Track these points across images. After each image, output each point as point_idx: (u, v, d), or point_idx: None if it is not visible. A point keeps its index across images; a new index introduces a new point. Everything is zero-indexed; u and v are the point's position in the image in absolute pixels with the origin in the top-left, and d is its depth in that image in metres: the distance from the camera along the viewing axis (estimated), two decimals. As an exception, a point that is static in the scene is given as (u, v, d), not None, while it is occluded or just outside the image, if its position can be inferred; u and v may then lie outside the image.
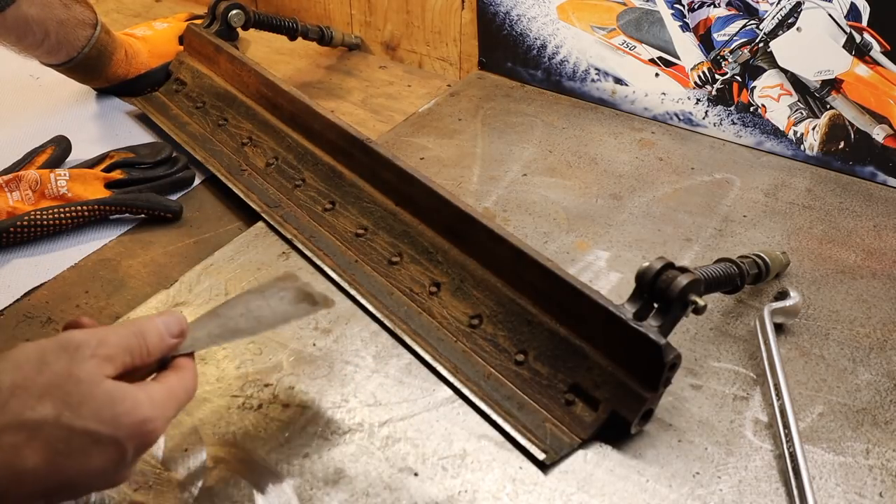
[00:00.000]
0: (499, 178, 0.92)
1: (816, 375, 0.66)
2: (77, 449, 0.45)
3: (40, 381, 0.46)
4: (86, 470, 0.46)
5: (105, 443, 0.46)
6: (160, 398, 0.50)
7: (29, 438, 0.44)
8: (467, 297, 0.70)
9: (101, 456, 0.46)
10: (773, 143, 0.95)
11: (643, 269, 0.60)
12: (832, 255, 0.79)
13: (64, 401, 0.45)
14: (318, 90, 1.13)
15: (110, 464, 0.47)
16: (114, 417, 0.46)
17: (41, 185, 0.83)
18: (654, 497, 0.57)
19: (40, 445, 0.44)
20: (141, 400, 0.48)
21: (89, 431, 0.46)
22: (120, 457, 0.47)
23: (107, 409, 0.46)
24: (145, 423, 0.48)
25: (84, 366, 0.47)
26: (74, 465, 0.45)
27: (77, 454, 0.45)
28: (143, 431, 0.48)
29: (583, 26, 1.02)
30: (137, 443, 0.48)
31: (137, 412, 0.48)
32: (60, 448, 0.45)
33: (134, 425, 0.47)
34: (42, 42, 0.94)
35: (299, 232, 0.81)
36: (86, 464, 0.46)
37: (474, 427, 0.62)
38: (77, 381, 0.46)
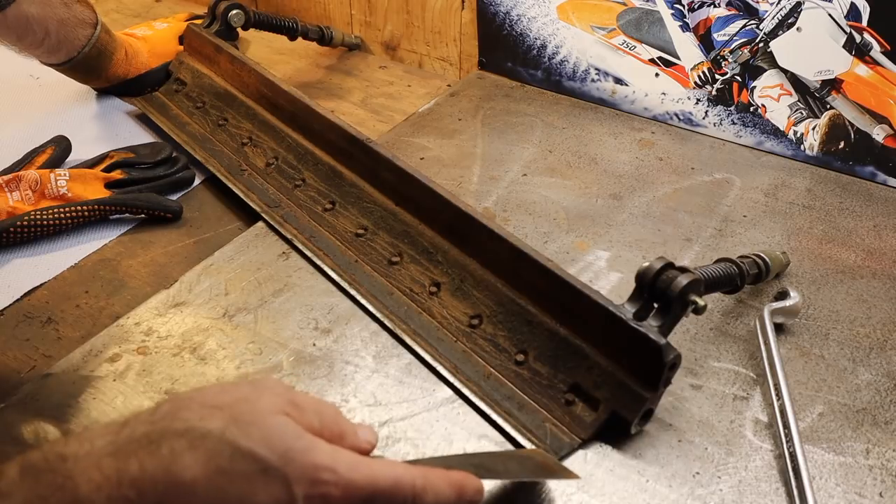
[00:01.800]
0: (499, 178, 0.92)
1: (816, 375, 0.66)
2: (240, 472, 0.41)
3: (217, 399, 0.44)
4: (248, 501, 0.41)
5: (271, 475, 0.42)
6: (347, 457, 0.45)
7: (191, 447, 0.41)
8: (467, 297, 0.70)
9: (266, 490, 0.42)
10: (773, 143, 0.95)
11: (643, 269, 0.60)
12: (832, 255, 0.79)
13: (235, 419, 0.43)
14: (318, 90, 1.13)
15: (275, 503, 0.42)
16: (285, 449, 0.42)
17: (41, 185, 0.83)
18: (654, 497, 0.57)
19: (201, 457, 0.41)
20: (321, 447, 0.44)
21: (255, 455, 0.42)
22: (287, 500, 0.42)
23: (278, 438, 0.43)
24: (319, 470, 0.43)
25: (266, 396, 0.45)
26: (236, 491, 0.41)
27: (239, 478, 0.41)
28: (316, 479, 0.43)
29: (583, 26, 1.02)
30: (308, 492, 0.42)
31: (313, 455, 0.43)
32: (223, 465, 0.41)
33: (306, 467, 0.43)
34: (42, 41, 0.94)
35: (299, 232, 0.81)
36: (248, 493, 0.41)
37: (474, 427, 0.62)
38: (254, 405, 0.44)
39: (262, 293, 0.75)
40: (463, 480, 0.48)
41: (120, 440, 0.42)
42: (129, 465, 0.40)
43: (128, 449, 0.41)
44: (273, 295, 0.74)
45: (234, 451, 0.42)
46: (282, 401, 0.45)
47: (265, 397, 0.45)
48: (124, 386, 0.65)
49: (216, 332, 0.70)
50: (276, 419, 0.44)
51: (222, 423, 0.42)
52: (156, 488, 0.40)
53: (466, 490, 0.48)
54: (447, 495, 0.47)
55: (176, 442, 0.41)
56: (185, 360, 0.67)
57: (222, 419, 0.43)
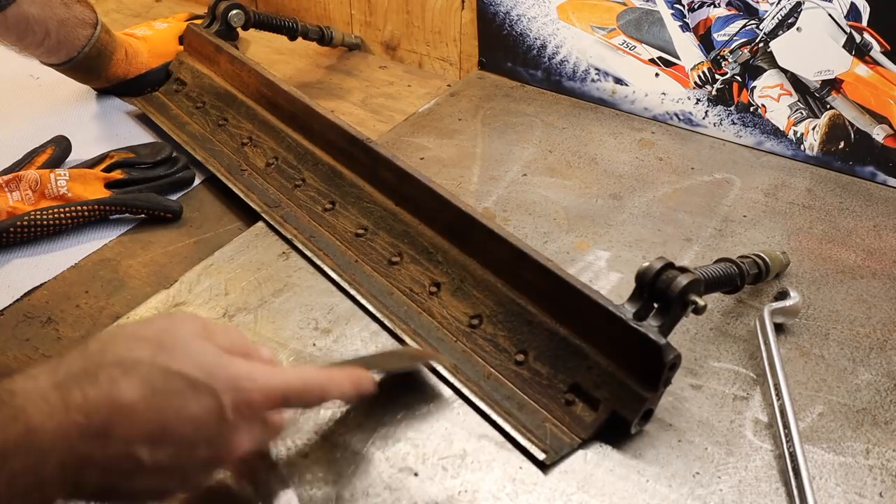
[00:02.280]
0: (499, 178, 0.92)
1: (816, 375, 0.66)
2: (173, 390, 0.47)
3: (140, 332, 0.49)
4: (184, 415, 0.47)
5: (201, 390, 0.47)
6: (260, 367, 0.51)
7: (125, 373, 0.46)
8: (467, 297, 0.70)
9: (198, 403, 0.47)
10: (773, 143, 0.95)
11: (643, 269, 0.60)
12: (832, 255, 0.79)
13: (160, 346, 0.48)
14: (318, 90, 1.13)
15: (208, 413, 0.47)
16: (208, 367, 0.48)
17: (41, 185, 0.83)
18: (654, 497, 0.57)
19: (137, 382, 0.46)
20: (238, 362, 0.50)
21: (184, 374, 0.47)
22: (217, 408, 0.47)
23: (201, 358, 0.48)
24: (241, 380, 0.49)
25: (185, 325, 0.50)
26: (171, 407, 0.46)
27: (173, 395, 0.46)
28: (239, 387, 0.49)
29: (583, 26, 1.02)
30: (234, 398, 0.48)
31: (233, 368, 0.49)
32: (157, 386, 0.46)
33: (229, 378, 0.48)
34: (42, 41, 0.94)
35: (299, 232, 0.81)
36: (183, 408, 0.47)
37: (474, 427, 0.62)
38: (175, 334, 0.49)
39: (262, 293, 0.75)
40: (358, 375, 0.57)
41: (60, 376, 0.46)
42: (74, 395, 0.45)
43: (69, 381, 0.45)
44: (273, 295, 0.74)
45: (166, 373, 0.47)
46: (197, 328, 0.51)
47: (182, 326, 0.50)
48: (124, 386, 0.65)
49: (216, 332, 0.70)
50: (196, 342, 0.49)
51: (150, 351, 0.48)
52: (100, 412, 0.45)
53: (362, 382, 0.57)
54: (346, 388, 0.55)
55: (111, 371, 0.46)
56: (185, 360, 0.67)
57: (149, 348, 0.48)
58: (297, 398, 0.53)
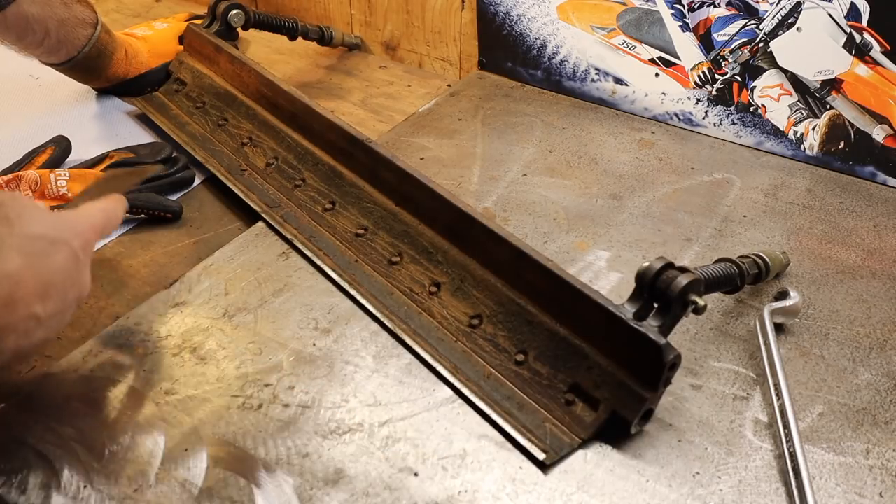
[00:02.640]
0: (499, 178, 0.92)
1: (816, 375, 0.66)
2: (41, 251, 0.55)
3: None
4: (55, 268, 0.55)
5: (58, 243, 0.56)
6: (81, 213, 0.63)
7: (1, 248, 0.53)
8: (467, 297, 0.70)
9: (60, 255, 0.56)
10: (773, 143, 0.95)
11: (643, 269, 0.60)
12: (832, 255, 0.79)
13: (12, 218, 0.55)
14: (318, 90, 1.13)
15: (70, 262, 0.57)
16: (53, 223, 0.57)
17: (41, 185, 0.83)
18: (654, 497, 0.57)
19: (12, 252, 0.53)
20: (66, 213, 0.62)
21: (42, 235, 0.56)
22: (73, 255, 0.57)
23: (47, 218, 0.58)
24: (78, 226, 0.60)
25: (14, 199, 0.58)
26: (45, 264, 0.55)
27: (42, 255, 0.55)
28: (80, 232, 0.59)
29: (583, 26, 1.02)
30: (81, 242, 0.59)
31: (69, 219, 0.60)
32: (28, 250, 0.54)
33: (72, 227, 0.59)
34: (42, 41, 0.94)
35: (299, 232, 0.81)
36: (52, 262, 0.55)
37: (474, 427, 0.62)
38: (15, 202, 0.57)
39: (262, 293, 0.75)
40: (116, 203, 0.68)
41: None
42: None
43: None
44: (273, 295, 0.74)
45: (30, 240, 0.55)
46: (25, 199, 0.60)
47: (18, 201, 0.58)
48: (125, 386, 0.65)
49: (216, 332, 0.70)
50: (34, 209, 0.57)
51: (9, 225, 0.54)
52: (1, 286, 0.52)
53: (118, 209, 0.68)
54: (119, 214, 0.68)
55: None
56: (185, 360, 0.67)
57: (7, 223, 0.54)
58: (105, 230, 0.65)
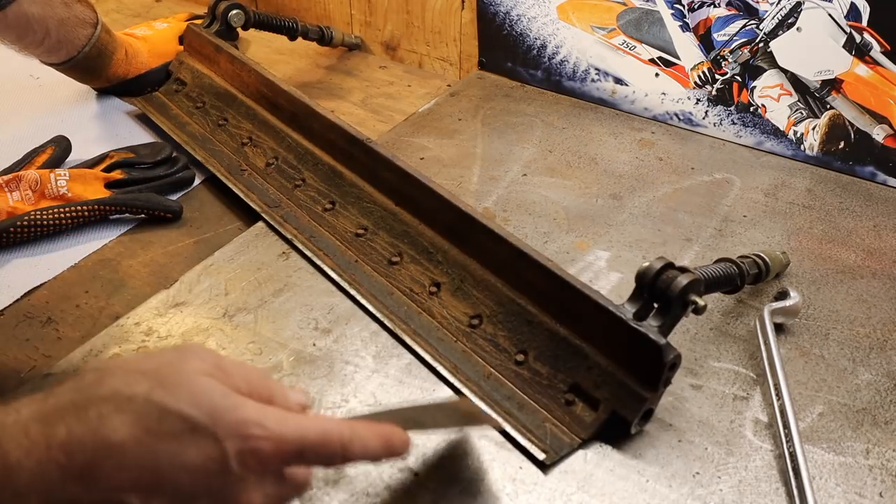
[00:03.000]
0: (499, 178, 0.92)
1: (816, 375, 0.66)
2: (168, 432, 0.41)
3: (142, 365, 0.44)
4: (179, 461, 0.41)
5: (201, 433, 0.41)
6: (274, 412, 0.44)
7: (118, 410, 0.41)
8: (467, 297, 0.70)
9: (196, 448, 0.41)
10: (773, 143, 0.95)
11: (643, 269, 0.60)
12: (832, 255, 0.79)
13: (160, 382, 0.43)
14: (318, 90, 1.13)
15: (208, 462, 0.42)
16: (212, 408, 0.42)
17: (41, 185, 0.83)
18: (654, 497, 0.57)
19: (130, 419, 0.41)
20: (249, 404, 0.44)
21: (183, 415, 0.41)
22: (219, 456, 0.42)
23: (205, 398, 0.43)
24: (248, 426, 0.43)
25: (190, 360, 0.45)
26: (166, 451, 0.41)
27: (169, 438, 0.41)
28: (246, 434, 0.42)
29: (583, 26, 1.02)
30: (239, 447, 0.42)
31: (240, 411, 0.43)
32: (151, 426, 0.41)
33: (234, 423, 0.42)
34: (42, 41, 0.94)
35: (299, 232, 0.81)
36: (179, 452, 0.41)
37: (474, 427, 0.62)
38: (178, 369, 0.44)
39: (262, 293, 0.75)
40: (390, 433, 0.48)
41: (46, 408, 0.41)
42: (57, 431, 0.40)
43: (55, 415, 0.41)
44: (273, 295, 0.74)
45: (161, 412, 0.42)
46: (207, 364, 0.45)
47: (190, 361, 0.45)
48: (124, 386, 0.65)
49: (216, 332, 0.70)
50: (202, 380, 0.44)
51: (147, 386, 0.42)
52: (84, 451, 0.40)
53: (393, 442, 0.48)
54: (374, 447, 0.47)
55: (103, 406, 0.41)
56: (185, 360, 0.67)
57: (147, 382, 0.42)
58: (313, 453, 0.45)
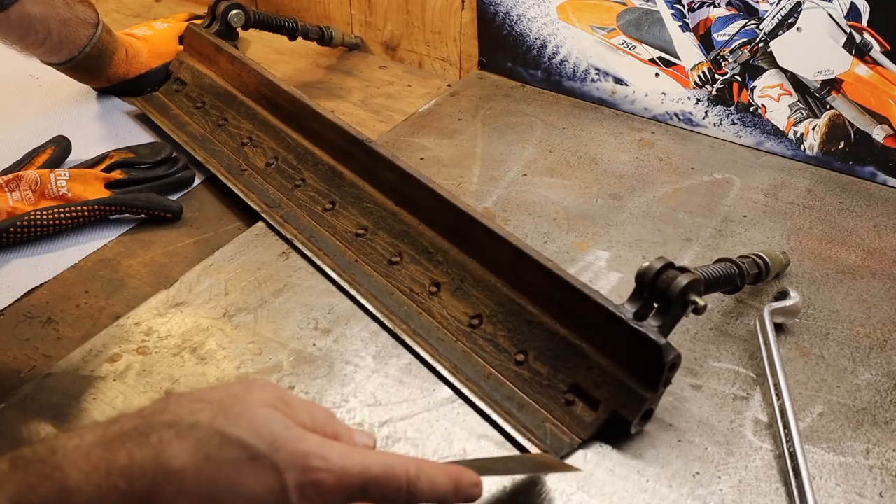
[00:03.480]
0: (499, 178, 0.92)
1: (816, 375, 0.66)
2: (228, 460, 0.42)
3: (207, 395, 0.45)
4: (238, 490, 0.41)
5: (261, 463, 0.42)
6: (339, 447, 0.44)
7: (179, 436, 0.42)
8: (467, 297, 0.70)
9: (256, 479, 0.42)
10: (773, 143, 0.95)
11: (643, 269, 0.60)
12: (832, 255, 0.79)
13: (223, 411, 0.43)
14: (318, 90, 1.13)
15: (267, 493, 0.42)
16: (273, 437, 0.43)
17: (41, 185, 0.83)
18: (654, 497, 0.57)
19: (190, 446, 0.41)
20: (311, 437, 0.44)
21: (243, 443, 0.42)
22: (278, 488, 0.42)
23: (266, 427, 0.43)
24: (309, 458, 0.43)
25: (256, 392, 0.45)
26: (225, 479, 0.41)
27: (228, 466, 0.41)
28: (307, 466, 0.42)
29: (583, 26, 1.02)
30: (300, 479, 0.42)
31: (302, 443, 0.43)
32: (211, 453, 0.41)
33: (295, 454, 0.43)
34: (44, 41, 0.94)
35: (299, 232, 0.81)
36: (238, 481, 0.41)
37: (474, 427, 0.62)
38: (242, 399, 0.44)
39: (262, 293, 0.75)
40: (459, 472, 0.48)
41: (109, 433, 0.42)
42: (118, 456, 0.40)
43: (117, 441, 0.41)
44: (273, 295, 0.74)
45: (223, 440, 0.42)
46: (272, 397, 0.45)
47: (255, 393, 0.45)
48: (124, 386, 0.65)
49: (216, 332, 0.70)
50: (265, 411, 0.44)
51: (211, 414, 0.43)
52: (144, 477, 0.40)
53: (463, 481, 0.48)
54: (443, 484, 0.47)
55: (165, 432, 0.42)
56: (185, 360, 0.68)
57: (211, 411, 0.43)
58: (378, 488, 0.45)
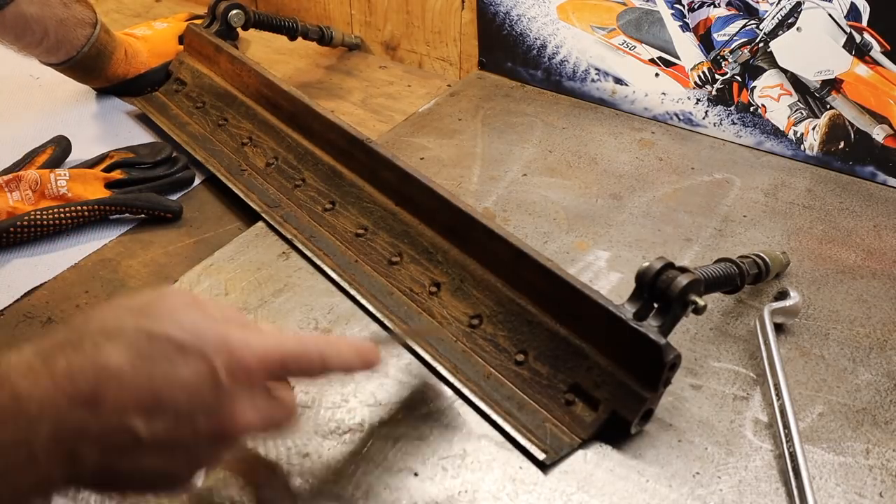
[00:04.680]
0: (499, 178, 0.92)
1: (816, 375, 0.66)
2: (160, 354, 0.44)
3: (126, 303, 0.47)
4: (174, 379, 0.44)
5: (189, 352, 0.44)
6: (255, 332, 0.48)
7: (108, 339, 0.44)
8: (467, 297, 0.70)
9: (187, 367, 0.44)
10: (773, 143, 0.95)
11: (643, 268, 0.60)
12: (832, 255, 0.79)
13: (145, 313, 0.46)
14: (318, 90, 1.13)
15: (200, 378, 0.44)
16: (196, 330, 0.45)
17: (41, 185, 0.83)
18: (654, 497, 0.57)
19: (122, 347, 0.44)
20: (231, 327, 0.47)
21: (170, 337, 0.44)
22: (209, 371, 0.44)
23: (188, 320, 0.46)
24: (232, 342, 0.46)
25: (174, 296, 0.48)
26: (160, 372, 0.44)
27: (160, 360, 0.44)
28: (231, 349, 0.45)
29: (583, 26, 1.02)
30: (227, 360, 0.45)
31: (223, 329, 0.46)
32: (142, 350, 0.44)
33: (219, 340, 0.45)
34: (41, 41, 0.94)
35: (299, 232, 0.81)
36: (172, 372, 0.44)
37: (474, 427, 0.62)
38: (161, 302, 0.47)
39: (262, 293, 0.75)
40: (365, 346, 0.53)
41: (44, 346, 0.44)
42: (58, 362, 0.43)
43: (53, 350, 0.44)
44: (273, 295, 0.74)
45: (150, 337, 0.44)
46: (187, 299, 0.48)
47: (171, 297, 0.48)
48: (124, 386, 0.65)
49: (216, 332, 0.70)
50: (185, 309, 0.47)
51: (134, 317, 0.45)
52: (87, 377, 0.43)
53: (367, 354, 0.53)
54: (350, 358, 0.51)
55: (95, 337, 0.44)
56: (185, 360, 0.67)
57: (133, 315, 0.46)
58: (295, 364, 0.49)
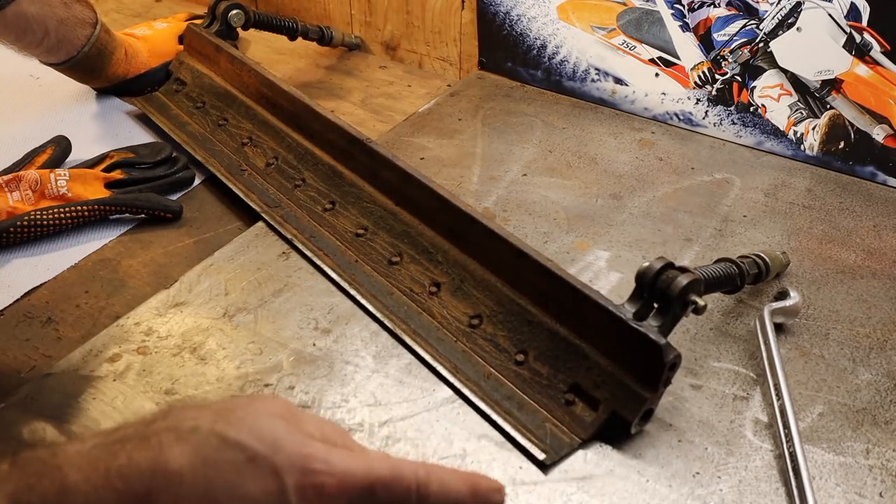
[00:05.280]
0: (499, 178, 0.92)
1: (816, 375, 0.66)
2: (227, 461, 0.41)
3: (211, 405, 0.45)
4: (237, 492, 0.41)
5: (259, 464, 0.41)
6: (342, 451, 0.44)
7: (178, 440, 0.41)
8: (467, 297, 0.70)
9: (254, 480, 0.41)
10: (773, 143, 0.95)
11: (643, 268, 0.60)
12: (832, 255, 0.79)
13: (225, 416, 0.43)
14: (318, 90, 1.13)
15: (266, 495, 0.41)
16: (274, 440, 0.42)
17: (41, 185, 0.83)
18: (654, 497, 0.57)
19: (189, 448, 0.41)
20: (314, 442, 0.43)
21: (242, 445, 0.41)
22: (277, 490, 0.41)
23: (268, 431, 0.42)
24: (310, 460, 0.42)
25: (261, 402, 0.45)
26: (223, 480, 0.41)
27: (226, 468, 0.41)
28: (307, 468, 0.42)
29: (583, 26, 1.02)
30: (300, 481, 0.41)
31: (304, 446, 0.42)
32: (210, 455, 0.41)
33: (296, 456, 0.42)
34: (42, 41, 0.94)
35: (299, 232, 0.81)
36: (236, 483, 0.41)
37: (474, 427, 0.62)
38: (246, 408, 0.44)
39: (262, 293, 0.75)
40: (477, 477, 0.46)
41: (111, 438, 0.42)
42: (118, 457, 0.40)
43: (117, 444, 0.41)
44: (273, 295, 0.74)
45: (222, 442, 0.41)
46: (278, 407, 0.45)
47: (261, 402, 0.45)
48: (124, 386, 0.65)
49: (216, 332, 0.70)
50: (269, 418, 0.43)
51: (212, 419, 0.42)
52: (142, 478, 0.40)
53: (481, 486, 0.46)
54: (457, 488, 0.45)
55: (164, 436, 0.41)
56: (185, 360, 0.67)
57: (212, 416, 0.43)
58: (386, 492, 0.43)
